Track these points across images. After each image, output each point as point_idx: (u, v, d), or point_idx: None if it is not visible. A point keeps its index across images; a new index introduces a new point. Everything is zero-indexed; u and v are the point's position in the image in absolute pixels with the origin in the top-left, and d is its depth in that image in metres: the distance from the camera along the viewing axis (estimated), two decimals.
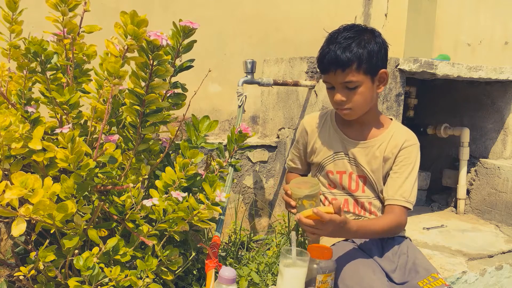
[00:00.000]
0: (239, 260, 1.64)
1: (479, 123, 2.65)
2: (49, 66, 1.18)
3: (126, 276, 1.14)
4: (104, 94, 1.21)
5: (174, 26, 1.27)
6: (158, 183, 1.23)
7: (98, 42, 1.30)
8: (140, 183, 1.20)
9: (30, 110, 1.19)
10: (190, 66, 1.38)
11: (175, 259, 1.24)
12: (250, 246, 1.83)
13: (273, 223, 2.12)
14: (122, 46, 1.17)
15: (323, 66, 1.38)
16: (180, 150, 1.31)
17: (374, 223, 1.37)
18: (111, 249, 1.16)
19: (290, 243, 1.29)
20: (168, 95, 1.35)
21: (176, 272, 1.28)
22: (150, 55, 1.16)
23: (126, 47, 1.16)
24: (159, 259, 1.21)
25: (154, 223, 1.19)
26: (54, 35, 1.21)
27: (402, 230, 1.48)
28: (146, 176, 1.26)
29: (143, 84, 1.19)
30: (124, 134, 1.30)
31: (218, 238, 1.41)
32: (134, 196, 1.16)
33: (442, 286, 1.27)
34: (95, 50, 1.28)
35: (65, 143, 1.05)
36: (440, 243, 2.04)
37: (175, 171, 1.22)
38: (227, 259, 1.60)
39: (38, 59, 1.15)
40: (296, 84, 2.04)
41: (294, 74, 2.14)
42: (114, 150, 1.17)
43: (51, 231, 1.09)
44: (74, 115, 1.20)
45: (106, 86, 1.20)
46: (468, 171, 2.57)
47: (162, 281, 1.28)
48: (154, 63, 1.17)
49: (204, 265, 1.35)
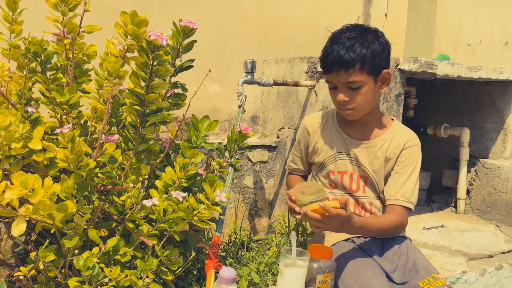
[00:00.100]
0: (239, 260, 1.64)
1: (479, 123, 2.65)
2: (49, 66, 1.18)
3: (126, 276, 1.14)
4: (104, 94, 1.21)
5: (174, 26, 1.27)
6: (158, 183, 1.23)
7: (98, 42, 1.30)
8: (140, 183, 1.20)
9: (30, 110, 1.19)
10: (190, 66, 1.38)
11: (175, 259, 1.24)
12: (250, 246, 1.83)
13: (273, 223, 2.12)
14: (122, 46, 1.17)
15: (326, 66, 1.38)
16: (180, 150, 1.31)
17: (377, 221, 1.38)
18: (111, 249, 1.16)
19: (290, 243, 1.29)
20: (168, 95, 1.35)
21: (176, 272, 1.28)
22: (150, 55, 1.16)
23: (126, 47, 1.16)
24: (159, 259, 1.21)
25: (154, 223, 1.19)
26: (54, 35, 1.21)
27: (403, 230, 1.48)
28: (146, 176, 1.26)
29: (143, 84, 1.19)
30: (124, 134, 1.30)
31: (218, 238, 1.41)
32: (134, 196, 1.16)
33: (443, 286, 1.27)
34: (95, 50, 1.28)
35: (65, 143, 1.05)
36: (440, 243, 2.04)
37: (175, 171, 1.22)
38: (227, 259, 1.60)
39: (38, 59, 1.15)
40: (296, 84, 2.04)
41: (294, 74, 2.14)
42: (114, 150, 1.17)
43: (51, 231, 1.09)
44: (74, 115, 1.20)
45: (106, 86, 1.20)
46: (468, 171, 2.57)
47: (162, 281, 1.28)
48: (154, 63, 1.17)
49: (204, 265, 1.35)
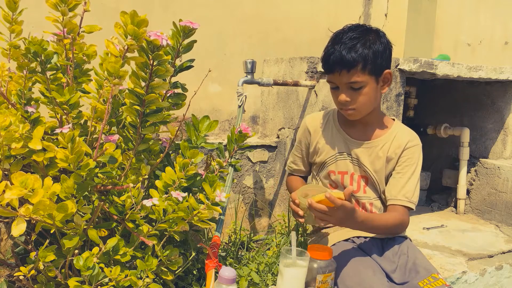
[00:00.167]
0: (239, 260, 1.64)
1: (479, 123, 2.65)
2: (49, 66, 1.18)
3: (126, 276, 1.14)
4: (104, 94, 1.21)
5: (174, 26, 1.27)
6: (158, 183, 1.23)
7: (98, 42, 1.30)
8: (140, 183, 1.20)
9: (30, 110, 1.19)
10: (190, 66, 1.38)
11: (175, 259, 1.24)
12: (250, 246, 1.83)
13: (273, 223, 2.12)
14: (122, 46, 1.17)
15: (328, 66, 1.38)
16: (180, 150, 1.31)
17: (380, 218, 1.38)
18: (111, 249, 1.16)
19: (290, 243, 1.29)
20: (168, 95, 1.35)
21: (176, 272, 1.28)
22: (150, 55, 1.16)
23: (126, 47, 1.16)
24: (159, 259, 1.21)
25: (154, 223, 1.19)
26: (54, 35, 1.21)
27: (405, 230, 1.48)
28: (146, 176, 1.26)
29: (143, 84, 1.19)
30: (124, 134, 1.30)
31: (218, 238, 1.41)
32: (134, 196, 1.16)
33: (443, 286, 1.27)
34: (95, 50, 1.28)
35: (65, 143, 1.05)
36: (440, 243, 2.04)
37: (175, 171, 1.22)
38: (227, 259, 1.60)
39: (38, 59, 1.15)
40: (296, 84, 2.04)
41: (294, 74, 2.14)
42: (114, 150, 1.17)
43: (51, 231, 1.09)
44: (74, 115, 1.20)
45: (106, 86, 1.19)
46: (468, 171, 2.57)
47: (162, 281, 1.28)
48: (154, 63, 1.17)
49: (204, 265, 1.35)
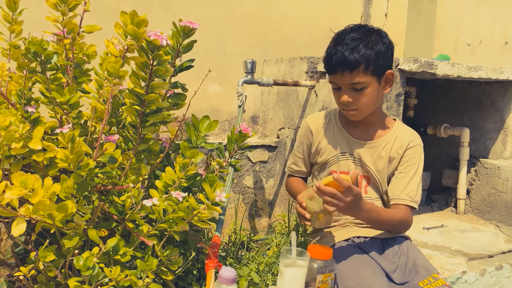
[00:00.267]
0: (239, 260, 1.64)
1: (479, 123, 2.65)
2: (49, 66, 1.18)
3: (126, 276, 1.14)
4: (104, 94, 1.21)
5: (174, 26, 1.27)
6: (158, 183, 1.23)
7: (98, 42, 1.30)
8: (140, 183, 1.20)
9: (30, 110, 1.19)
10: (190, 66, 1.38)
11: (175, 259, 1.24)
12: (250, 246, 1.83)
13: (273, 223, 2.12)
14: (122, 46, 1.17)
15: (330, 67, 1.37)
16: (180, 150, 1.31)
17: (386, 211, 1.39)
18: (111, 249, 1.16)
19: (290, 243, 1.29)
20: (168, 95, 1.35)
21: (176, 272, 1.28)
22: (150, 55, 1.16)
23: (126, 47, 1.16)
24: (159, 259, 1.21)
25: (154, 223, 1.19)
26: (54, 35, 1.21)
27: (408, 229, 1.47)
28: (146, 176, 1.26)
29: (143, 84, 1.19)
30: (124, 134, 1.30)
31: (218, 238, 1.41)
32: (134, 196, 1.16)
33: (443, 286, 1.27)
34: (95, 50, 1.28)
35: (65, 143, 1.05)
36: (440, 243, 2.04)
37: (175, 171, 1.22)
38: (227, 259, 1.60)
39: (38, 59, 1.15)
40: (296, 84, 2.04)
41: (294, 74, 2.14)
42: (114, 150, 1.17)
43: (51, 231, 1.09)
44: (74, 115, 1.20)
45: (106, 86, 1.19)
46: (468, 171, 2.57)
47: (162, 281, 1.28)
48: (154, 63, 1.17)
49: (204, 265, 1.35)
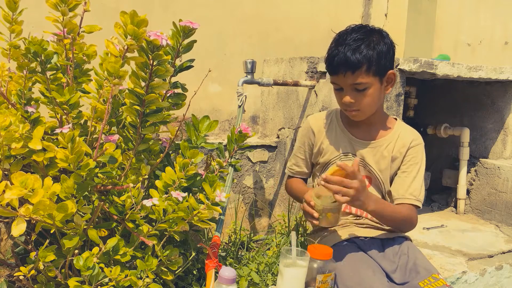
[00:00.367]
0: (239, 260, 1.64)
1: (479, 123, 2.65)
2: (49, 66, 1.18)
3: (126, 276, 1.14)
4: (104, 94, 1.21)
5: (174, 26, 1.27)
6: (158, 183, 1.23)
7: (98, 42, 1.30)
8: (140, 183, 1.20)
9: (30, 110, 1.19)
10: (190, 66, 1.38)
11: (175, 259, 1.24)
12: (250, 246, 1.83)
13: (273, 223, 2.12)
14: (122, 46, 1.17)
15: (332, 67, 1.37)
16: (180, 150, 1.31)
17: (391, 205, 1.41)
18: (111, 249, 1.16)
19: (290, 243, 1.29)
20: (168, 95, 1.35)
21: (176, 272, 1.28)
22: (150, 55, 1.16)
23: (126, 47, 1.16)
24: (159, 259, 1.21)
25: (154, 223, 1.19)
26: (54, 35, 1.21)
27: (412, 228, 1.47)
28: (146, 176, 1.26)
29: (143, 84, 1.19)
30: (124, 134, 1.30)
31: (218, 238, 1.41)
32: (134, 196, 1.16)
33: (443, 286, 1.27)
34: (95, 50, 1.28)
35: (65, 143, 1.05)
36: (440, 243, 2.04)
37: (175, 171, 1.22)
38: (227, 259, 1.60)
39: (38, 59, 1.15)
40: (296, 84, 2.04)
41: (294, 74, 2.14)
42: (114, 150, 1.17)
43: (51, 231, 1.09)
44: (74, 115, 1.20)
45: (106, 86, 1.19)
46: (468, 171, 2.57)
47: (162, 281, 1.28)
48: (154, 63, 1.17)
49: (204, 265, 1.35)
